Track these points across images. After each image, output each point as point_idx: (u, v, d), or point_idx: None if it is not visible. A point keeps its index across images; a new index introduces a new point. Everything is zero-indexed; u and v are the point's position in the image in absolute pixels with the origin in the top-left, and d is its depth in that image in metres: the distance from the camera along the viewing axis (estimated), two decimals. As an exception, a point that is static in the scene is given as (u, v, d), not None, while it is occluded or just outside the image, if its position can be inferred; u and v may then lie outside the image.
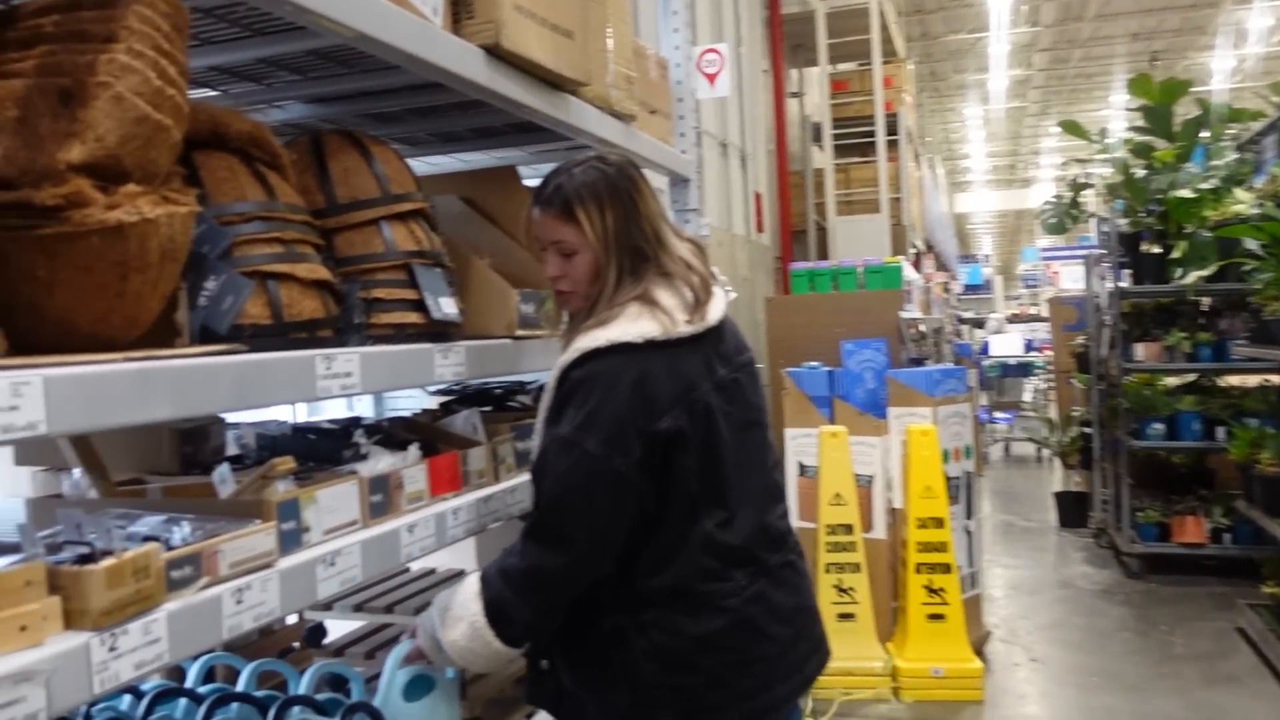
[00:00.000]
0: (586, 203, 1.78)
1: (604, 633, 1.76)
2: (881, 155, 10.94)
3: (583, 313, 1.81)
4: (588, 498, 1.68)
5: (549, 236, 1.82)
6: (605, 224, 1.78)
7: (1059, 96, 23.40)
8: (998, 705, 4.42)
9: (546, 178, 1.85)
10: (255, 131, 1.55)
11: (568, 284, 1.82)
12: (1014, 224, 36.23)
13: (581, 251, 1.79)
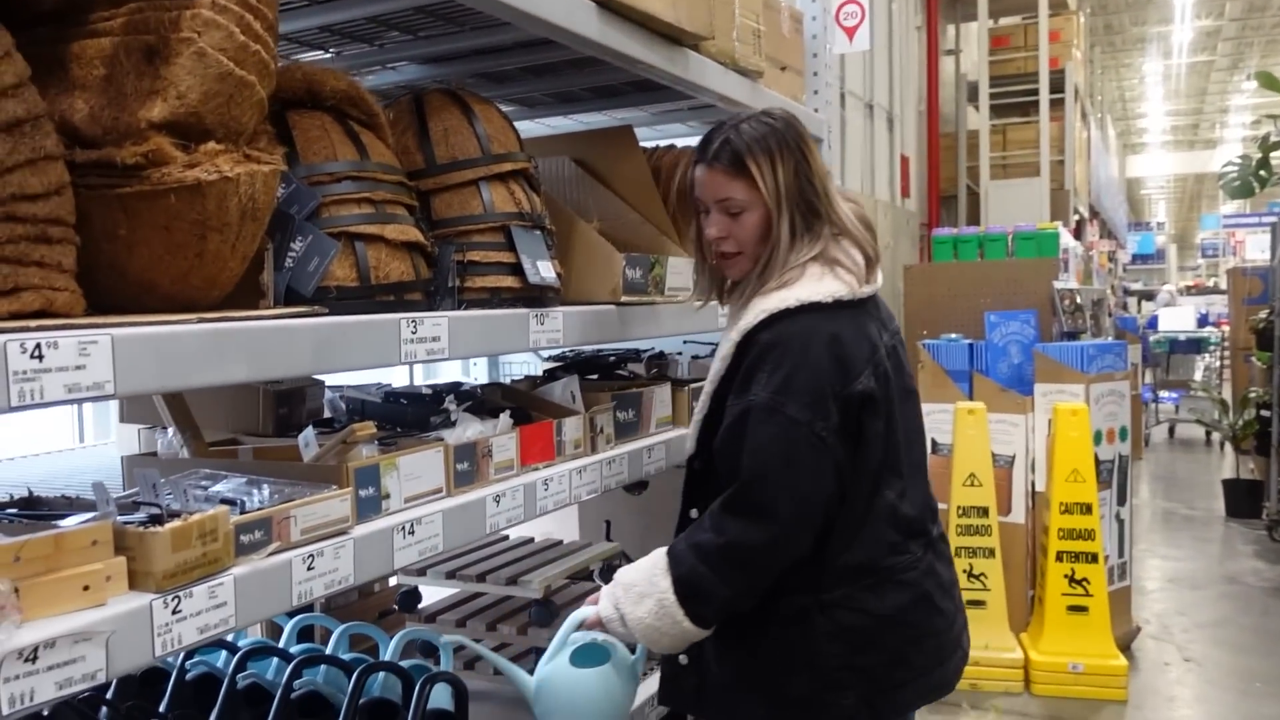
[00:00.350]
0: (758, 156, 1.69)
1: (781, 615, 1.68)
2: (1044, 115, 10.36)
3: (751, 276, 1.73)
4: (792, 466, 1.60)
5: (715, 194, 1.72)
6: (777, 178, 1.69)
7: (1254, 49, 21.61)
8: (1142, 707, 4.15)
9: (708, 135, 1.76)
10: (351, 90, 1.53)
11: (733, 245, 1.73)
12: (1194, 189, 33.91)
13: (750, 209, 1.70)
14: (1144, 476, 9.11)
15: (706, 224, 1.75)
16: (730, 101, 2.51)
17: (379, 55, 2.04)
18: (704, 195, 1.74)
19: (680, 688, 1.76)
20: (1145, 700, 4.20)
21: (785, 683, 1.69)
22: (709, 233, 1.74)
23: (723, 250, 1.74)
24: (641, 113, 2.84)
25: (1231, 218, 20.85)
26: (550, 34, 1.82)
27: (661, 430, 2.23)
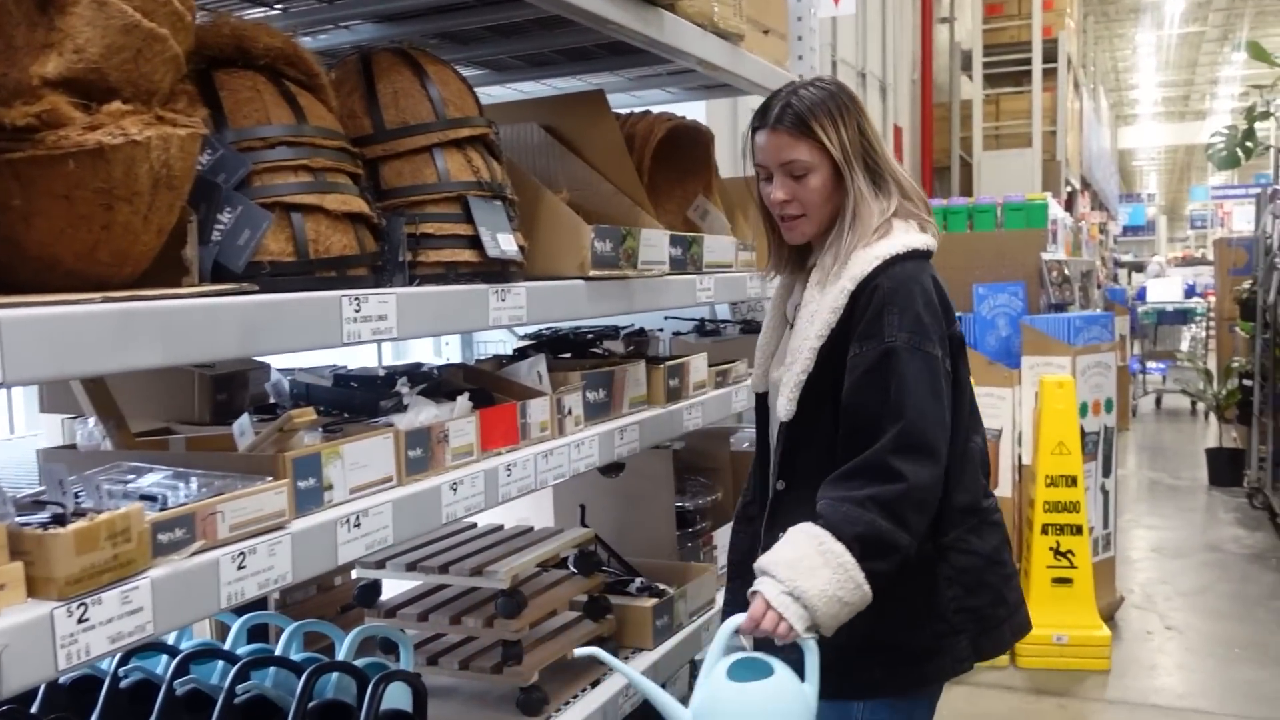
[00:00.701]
0: (821, 118, 1.72)
1: (906, 565, 1.64)
2: (1037, 85, 10.25)
3: (823, 239, 1.76)
4: (940, 401, 1.64)
5: (780, 157, 1.73)
6: (843, 138, 1.72)
7: (1244, 20, 21.45)
8: (1124, 675, 4.11)
9: (765, 102, 1.77)
10: (286, 47, 1.41)
11: (797, 207, 1.74)
12: (1184, 160, 33.83)
13: (814, 171, 1.72)
14: (1130, 447, 9.09)
15: (770, 189, 1.76)
16: (710, 66, 2.40)
17: (330, 12, 1.91)
18: (767, 159, 1.75)
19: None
20: (1128, 669, 4.16)
21: (910, 637, 1.71)
22: (775, 195, 1.74)
23: (788, 214, 1.75)
24: (618, 78, 2.72)
25: (1220, 189, 20.78)
26: (513, -11, 1.70)
27: (635, 410, 2.13)
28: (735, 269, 2.51)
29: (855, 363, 1.65)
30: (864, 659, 1.69)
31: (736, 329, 3.02)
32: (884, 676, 1.71)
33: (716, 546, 2.52)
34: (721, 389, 2.46)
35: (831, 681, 1.67)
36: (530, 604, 1.91)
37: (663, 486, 2.42)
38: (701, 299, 2.31)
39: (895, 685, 1.72)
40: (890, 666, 1.71)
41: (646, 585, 2.21)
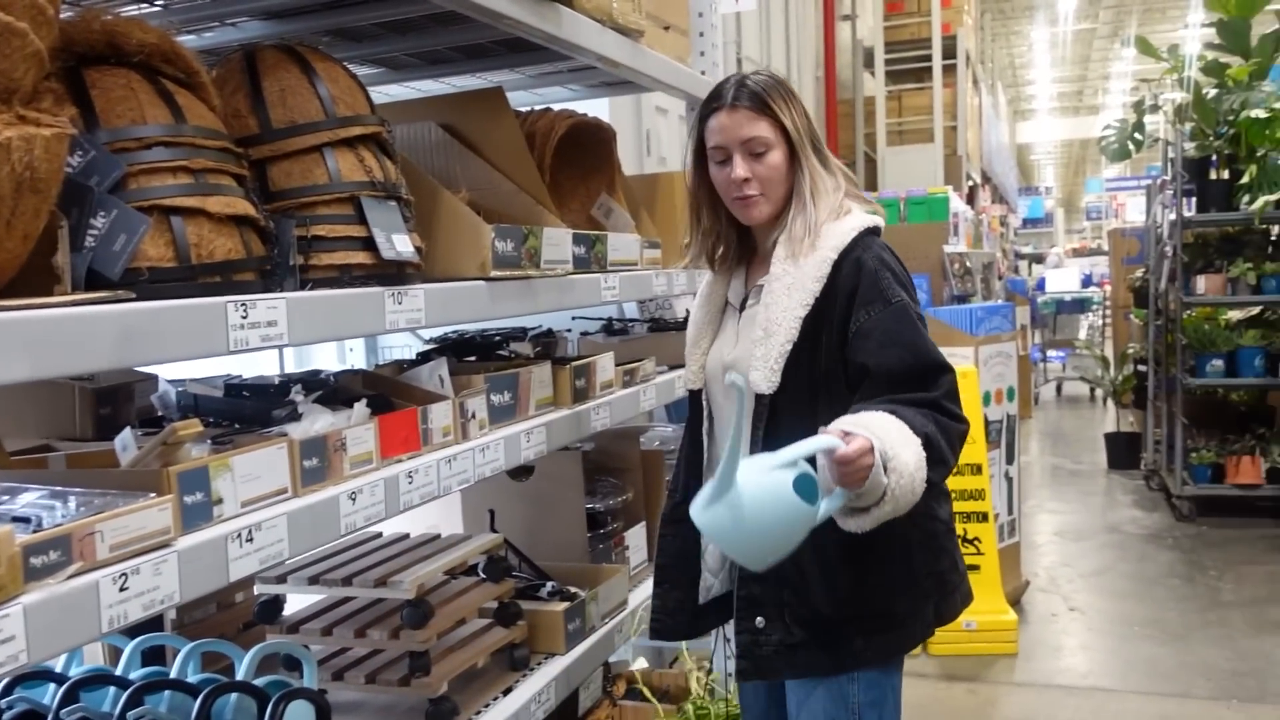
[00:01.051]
0: (775, 98, 1.78)
1: (883, 532, 1.66)
2: (937, 81, 10.48)
3: (775, 220, 1.81)
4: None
5: (741, 134, 1.76)
6: (795, 119, 1.79)
7: (1132, 16, 22.27)
8: (1031, 658, 4.24)
9: (717, 87, 1.83)
10: (162, 44, 1.35)
11: (756, 186, 1.77)
12: (1079, 154, 34.99)
13: (773, 149, 1.77)
14: (1033, 434, 9.37)
15: (727, 170, 1.78)
16: (610, 62, 2.38)
17: (215, 9, 1.85)
18: (727, 138, 1.77)
19: (761, 653, 1.74)
20: (1035, 651, 4.29)
21: (889, 604, 1.75)
22: (736, 174, 1.76)
23: (746, 193, 1.77)
24: (518, 75, 2.68)
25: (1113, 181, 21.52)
26: (402, -16, 1.66)
27: (542, 412, 2.10)
28: (641, 267, 2.50)
29: (866, 327, 1.69)
30: (846, 629, 1.73)
31: (644, 327, 3.02)
32: (864, 645, 1.75)
33: (628, 547, 2.51)
34: (629, 388, 2.44)
35: (814, 656, 1.73)
36: (438, 613, 1.88)
37: (572, 488, 2.40)
38: (607, 298, 2.30)
39: (875, 653, 1.76)
40: (869, 635, 1.74)
41: (558, 589, 2.19)
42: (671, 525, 1.95)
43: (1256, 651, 4.14)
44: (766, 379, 1.73)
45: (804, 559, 1.70)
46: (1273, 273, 5.89)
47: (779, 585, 1.74)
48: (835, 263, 1.72)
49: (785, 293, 1.74)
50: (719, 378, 1.85)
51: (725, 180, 1.80)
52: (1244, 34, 6.16)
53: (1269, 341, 5.99)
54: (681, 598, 1.92)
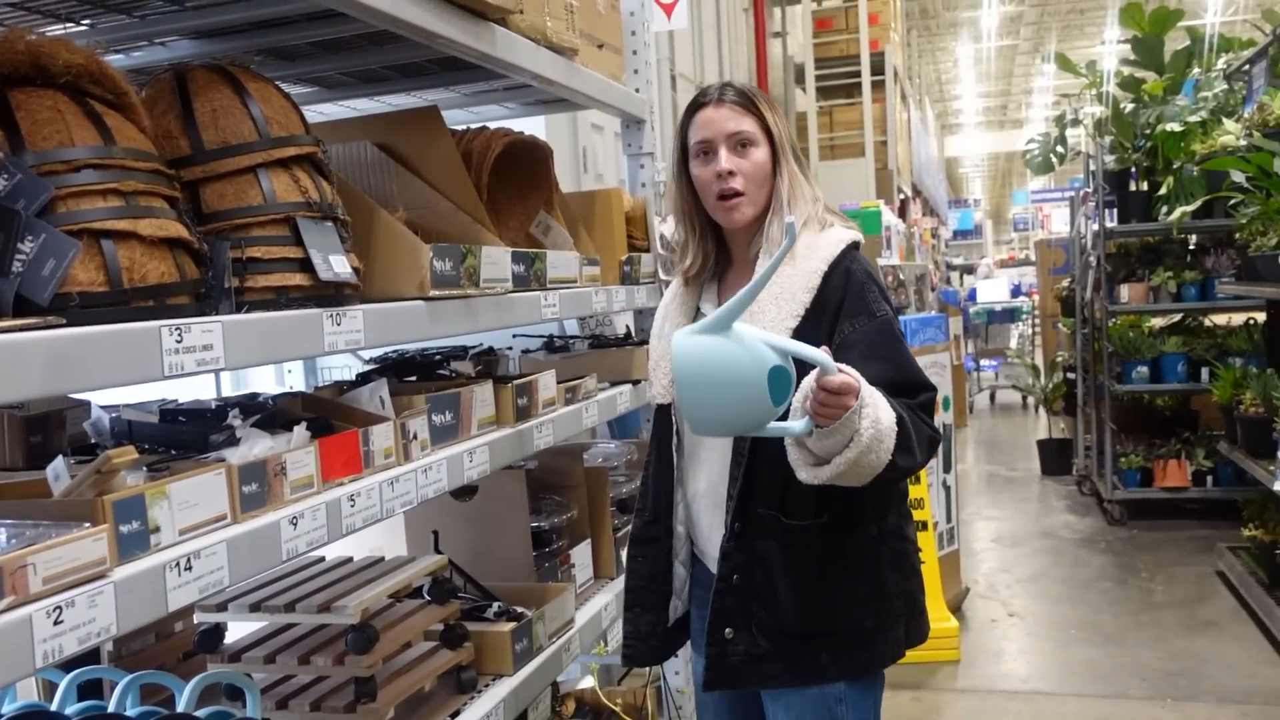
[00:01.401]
0: (760, 100, 1.81)
1: (855, 549, 1.73)
2: (866, 97, 10.66)
3: (754, 227, 1.81)
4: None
5: (727, 128, 1.77)
6: (778, 122, 1.81)
7: (1052, 33, 22.92)
8: (974, 664, 4.30)
9: (703, 89, 1.84)
10: (90, 64, 1.33)
11: (740, 181, 1.77)
12: (1005, 166, 35.84)
13: (758, 145, 1.78)
14: (969, 442, 9.54)
15: (711, 165, 1.78)
16: (545, 80, 2.39)
17: (142, 29, 1.82)
18: (713, 132, 1.78)
19: (726, 664, 1.73)
20: (976, 657, 4.35)
21: (855, 620, 1.75)
22: (721, 166, 1.76)
23: (730, 186, 1.77)
24: (453, 93, 2.68)
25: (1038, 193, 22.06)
26: (335, 4, 1.65)
27: (484, 431, 2.09)
28: (580, 284, 2.50)
29: (850, 339, 1.70)
30: (813, 643, 1.74)
31: (585, 344, 3.02)
32: (829, 660, 1.75)
33: (574, 564, 2.51)
34: (572, 405, 2.44)
35: (778, 667, 1.73)
36: (383, 637, 1.85)
37: (516, 507, 2.39)
38: (547, 315, 2.30)
39: (841, 669, 1.76)
40: (835, 651, 1.75)
41: (504, 609, 2.18)
42: (641, 546, 1.93)
43: (1188, 651, 4.26)
44: None
45: (775, 572, 1.72)
46: (1192, 281, 6.09)
47: (748, 597, 1.74)
48: (825, 274, 1.73)
49: (773, 302, 1.72)
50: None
51: (709, 176, 1.79)
52: (1158, 50, 6.37)
53: (1190, 348, 6.18)
54: (653, 621, 1.90)
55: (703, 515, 1.87)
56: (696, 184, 1.83)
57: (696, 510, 1.88)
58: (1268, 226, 4.13)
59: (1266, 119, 4.29)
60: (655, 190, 3.12)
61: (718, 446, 1.81)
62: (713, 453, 1.83)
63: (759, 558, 1.75)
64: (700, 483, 1.87)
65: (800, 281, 1.72)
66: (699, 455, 1.87)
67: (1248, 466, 4.66)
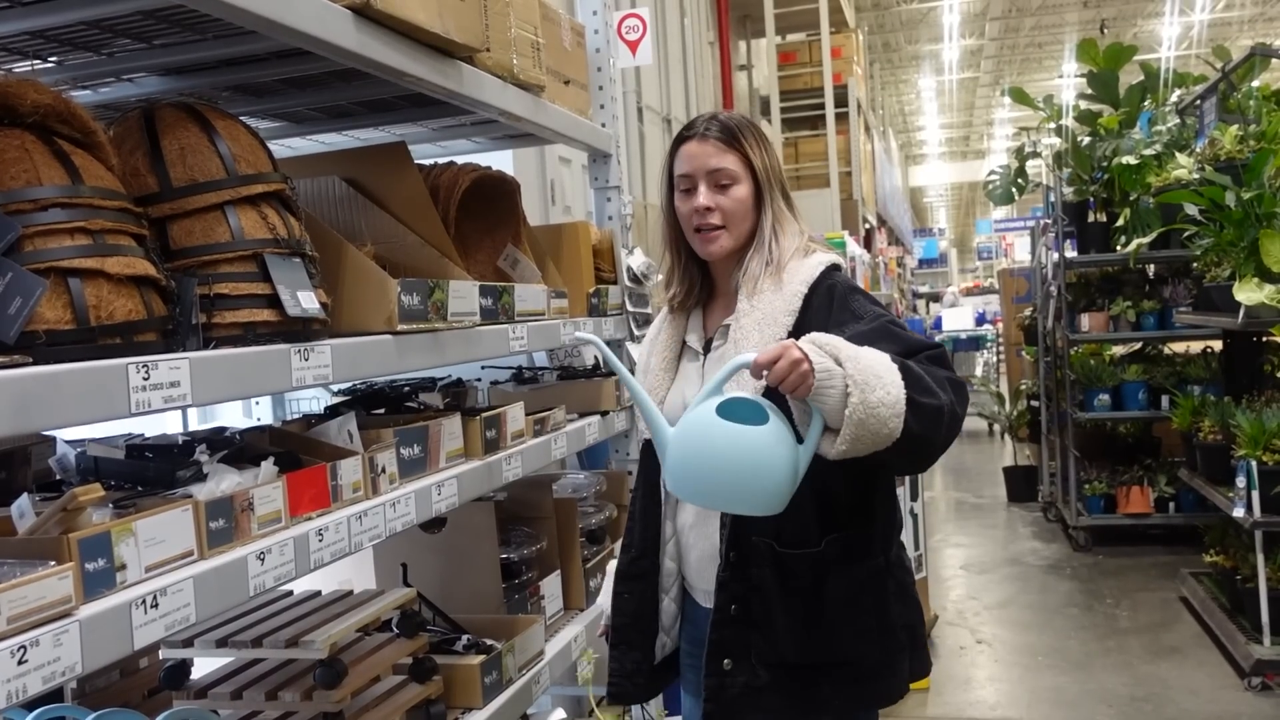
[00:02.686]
0: (747, 135, 1.81)
1: (860, 581, 1.72)
2: (831, 128, 10.79)
3: (736, 258, 1.81)
4: None
5: (708, 165, 1.79)
6: (763, 156, 1.81)
7: (1011, 66, 23.38)
8: (942, 692, 4.32)
9: (691, 121, 1.85)
10: (57, 104, 1.34)
11: (719, 217, 1.78)
12: (969, 196, 36.38)
13: (739, 183, 1.79)
14: (937, 469, 9.60)
15: (691, 200, 1.79)
16: (512, 117, 2.42)
17: (110, 65, 1.83)
18: (694, 168, 1.80)
19: (727, 692, 1.71)
20: (945, 685, 4.38)
21: (861, 653, 1.73)
22: (699, 203, 1.78)
23: (708, 222, 1.78)
24: (421, 128, 2.70)
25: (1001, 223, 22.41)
26: (303, 44, 1.67)
27: (453, 464, 2.10)
28: (548, 316, 2.52)
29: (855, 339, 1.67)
30: (813, 675, 1.71)
31: (554, 375, 3.03)
32: (831, 693, 1.72)
33: (544, 596, 2.51)
34: (541, 437, 2.45)
35: (778, 700, 1.70)
36: (351, 672, 1.84)
37: (485, 539, 2.39)
38: (515, 348, 2.31)
39: (843, 702, 1.74)
40: (837, 684, 1.72)
41: (474, 642, 2.17)
42: (628, 583, 1.90)
43: (1153, 677, 4.30)
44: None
45: (773, 602, 1.70)
46: (1150, 310, 6.20)
47: (746, 628, 1.72)
48: (805, 297, 1.73)
49: (755, 329, 1.73)
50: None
51: (688, 211, 1.80)
52: (1113, 85, 6.53)
53: (1150, 376, 6.29)
54: (639, 658, 1.88)
55: (693, 547, 1.85)
56: (678, 215, 1.85)
57: (686, 543, 1.86)
58: (1221, 258, 4.23)
59: (1217, 153, 4.40)
60: (622, 223, 3.15)
61: None
62: None
63: (755, 587, 1.72)
64: (688, 514, 1.85)
65: (782, 305, 1.73)
66: None
67: (1208, 493, 4.73)
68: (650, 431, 1.65)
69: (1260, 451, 4.10)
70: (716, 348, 1.84)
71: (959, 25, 19.43)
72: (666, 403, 1.84)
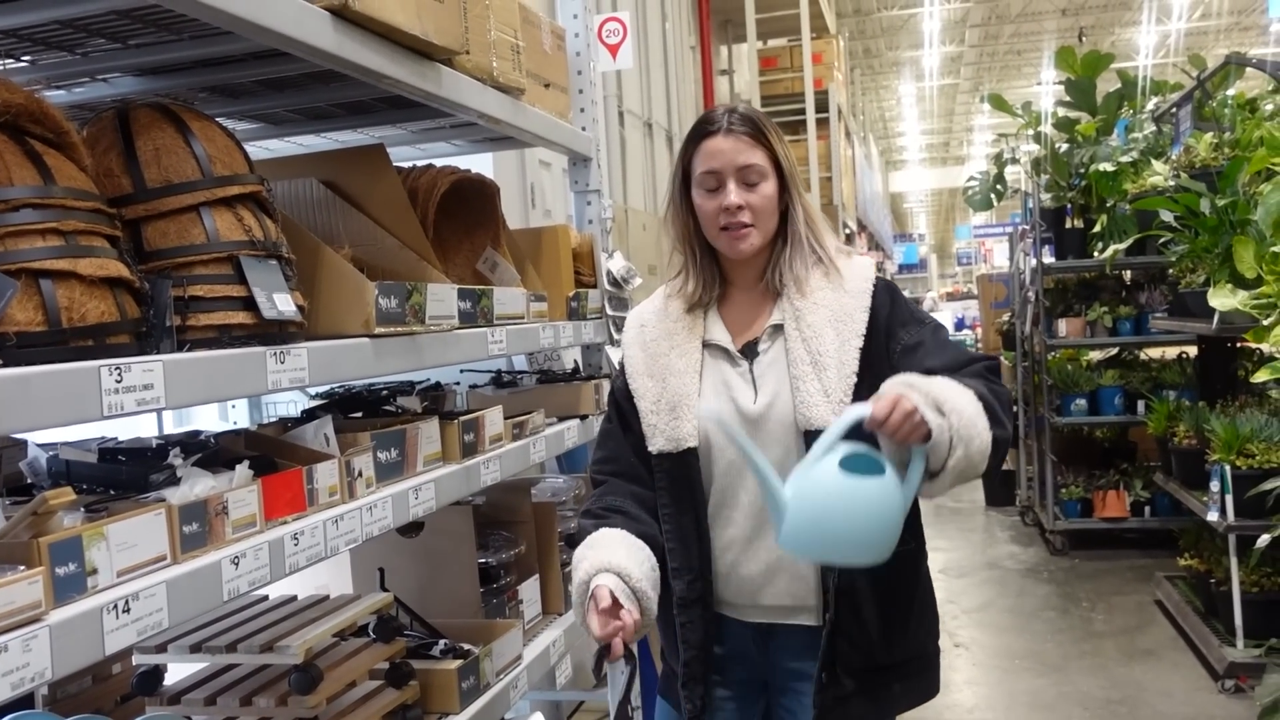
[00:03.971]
0: (769, 129, 1.75)
1: (919, 572, 1.76)
2: (811, 133, 10.83)
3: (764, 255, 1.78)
4: None
5: (737, 161, 1.72)
6: (786, 150, 1.77)
7: (990, 73, 23.56)
8: (922, 696, 4.33)
9: (709, 114, 1.78)
10: (30, 104, 1.33)
11: (749, 215, 1.73)
12: (949, 202, 36.61)
13: (766, 179, 1.73)
14: (916, 473, 9.64)
15: (718, 198, 1.73)
16: (492, 119, 2.41)
17: (84, 65, 1.81)
18: (722, 164, 1.72)
19: (818, 710, 1.68)
20: (925, 691, 4.39)
21: (924, 645, 1.76)
22: (730, 201, 1.71)
23: (738, 220, 1.72)
24: (400, 130, 2.69)
25: (981, 228, 22.58)
26: (280, 45, 1.66)
27: (430, 468, 2.09)
28: (528, 320, 2.52)
29: (911, 343, 1.70)
30: (887, 675, 1.71)
31: (534, 379, 3.03)
32: (901, 690, 1.73)
33: (522, 601, 2.50)
34: (519, 441, 2.45)
35: (862, 707, 1.69)
36: (327, 677, 1.83)
37: (463, 544, 2.38)
38: (494, 352, 2.31)
39: (910, 699, 1.75)
40: (906, 679, 1.73)
41: (451, 647, 2.16)
42: (689, 609, 1.74)
43: (1128, 679, 4.33)
44: (833, 411, 1.64)
45: (863, 608, 1.68)
46: (1127, 316, 6.26)
47: (835, 638, 1.67)
48: (872, 292, 1.74)
49: (831, 326, 1.70)
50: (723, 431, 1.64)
51: (715, 209, 1.73)
52: (1090, 92, 6.59)
53: (1126, 381, 6.34)
54: (704, 693, 1.77)
55: (744, 563, 1.73)
56: (700, 213, 1.77)
57: (732, 560, 1.74)
58: (1196, 264, 4.27)
59: (1192, 160, 4.44)
60: (602, 227, 3.15)
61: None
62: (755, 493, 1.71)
63: (843, 592, 1.67)
64: (738, 529, 1.73)
65: (853, 302, 1.72)
66: (738, 499, 1.74)
67: (1182, 497, 4.77)
68: (764, 494, 1.54)
69: (1234, 456, 4.13)
70: (764, 350, 1.76)
71: (939, 32, 19.57)
72: (704, 409, 1.72)
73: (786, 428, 1.69)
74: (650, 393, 1.79)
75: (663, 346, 1.81)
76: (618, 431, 1.85)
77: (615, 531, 1.69)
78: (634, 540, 1.68)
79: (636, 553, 1.66)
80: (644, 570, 1.64)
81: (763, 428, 1.70)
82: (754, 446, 1.54)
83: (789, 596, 1.73)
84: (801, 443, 1.66)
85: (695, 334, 1.80)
